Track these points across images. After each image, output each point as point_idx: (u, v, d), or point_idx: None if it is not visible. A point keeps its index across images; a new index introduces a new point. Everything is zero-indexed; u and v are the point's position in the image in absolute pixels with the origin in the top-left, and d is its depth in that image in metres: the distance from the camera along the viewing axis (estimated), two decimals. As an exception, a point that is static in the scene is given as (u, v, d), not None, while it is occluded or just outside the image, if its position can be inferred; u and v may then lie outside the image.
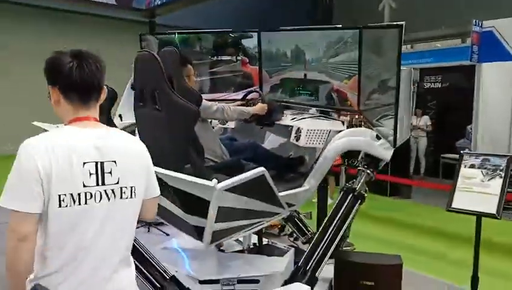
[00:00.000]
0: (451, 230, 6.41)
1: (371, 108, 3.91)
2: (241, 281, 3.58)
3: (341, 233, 3.61)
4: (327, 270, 4.13)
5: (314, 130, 4.02)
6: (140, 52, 3.06)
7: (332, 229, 3.55)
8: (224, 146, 3.60)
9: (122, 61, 3.23)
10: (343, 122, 4.07)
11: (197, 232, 2.74)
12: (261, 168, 2.73)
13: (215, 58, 5.04)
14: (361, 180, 3.73)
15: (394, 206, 8.29)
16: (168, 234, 5.43)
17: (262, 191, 2.84)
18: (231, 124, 4.74)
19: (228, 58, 5.00)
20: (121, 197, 1.78)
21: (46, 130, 4.01)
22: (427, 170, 10.84)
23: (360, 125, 3.92)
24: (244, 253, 4.13)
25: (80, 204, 1.67)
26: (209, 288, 3.52)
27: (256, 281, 3.58)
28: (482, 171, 2.99)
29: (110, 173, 1.74)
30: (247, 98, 4.46)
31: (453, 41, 12.28)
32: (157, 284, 3.00)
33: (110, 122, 3.59)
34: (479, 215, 2.92)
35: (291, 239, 5.08)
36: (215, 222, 2.59)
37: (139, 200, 1.86)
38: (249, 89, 4.54)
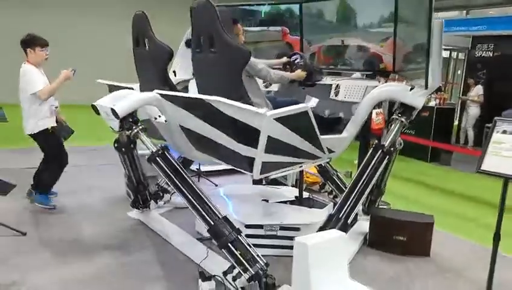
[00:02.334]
0: (484, 196, 6.56)
1: (406, 69, 4.12)
2: (283, 228, 3.96)
3: (371, 184, 3.93)
4: (363, 225, 4.48)
5: (352, 85, 4.37)
6: (197, 0, 3.30)
7: (363, 181, 3.86)
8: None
9: (177, 20, 3.49)
10: (379, 81, 4.33)
11: (248, 164, 3.04)
12: (305, 104, 3.00)
13: (257, 28, 5.33)
14: (395, 129, 4.02)
15: (433, 171, 8.43)
16: (216, 185, 5.85)
17: (306, 128, 3.12)
18: (275, 87, 5.06)
19: (269, 28, 5.28)
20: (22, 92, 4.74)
21: (111, 85, 4.44)
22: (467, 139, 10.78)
23: None
24: (287, 204, 4.50)
25: None
26: (253, 232, 3.92)
27: (297, 229, 3.94)
28: (512, 137, 3.16)
29: (19, 81, 4.72)
30: (292, 58, 4.72)
31: (508, 9, 11.88)
32: (211, 221, 3.28)
33: (165, 79, 3.92)
34: (506, 178, 3.13)
35: (331, 197, 5.40)
36: (265, 152, 2.87)
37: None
38: (295, 52, 4.81)
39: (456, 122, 10.73)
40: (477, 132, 10.63)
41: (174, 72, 5.98)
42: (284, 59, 4.62)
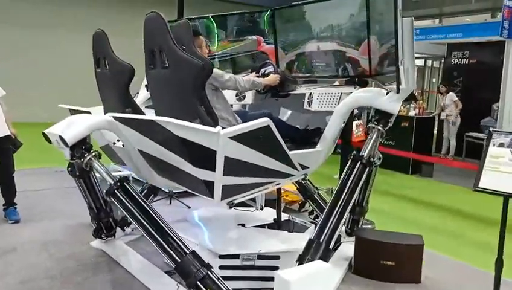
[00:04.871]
0: (470, 210, 6.33)
1: (383, 72, 3.87)
2: (261, 256, 3.60)
3: (352, 201, 3.59)
4: (347, 249, 4.15)
5: (326, 93, 4.08)
6: (148, 13, 3.06)
7: (343, 200, 3.53)
8: (239, 116, 3.60)
9: None
10: (354, 87, 4.06)
11: (208, 188, 2.78)
12: (266, 119, 2.73)
13: (230, 39, 5.08)
14: (373, 138, 3.71)
15: (415, 184, 8.21)
16: (189, 207, 5.47)
17: (270, 145, 2.87)
18: (248, 100, 4.73)
19: (243, 38, 5.02)
20: None
21: (72, 109, 4.10)
22: (449, 149, 10.62)
23: None
24: (265, 228, 4.16)
25: None
26: (229, 263, 3.55)
27: (277, 257, 3.59)
28: (511, 151, 2.90)
29: None
30: (261, 71, 4.42)
31: (483, 16, 11.92)
32: (177, 259, 2.94)
33: (127, 99, 3.59)
34: (506, 196, 2.84)
35: (312, 217, 5.08)
36: (224, 174, 2.62)
37: None
38: (263, 62, 4.52)
39: (435, 132, 10.53)
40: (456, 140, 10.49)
41: (146, 86, 5.67)
42: (252, 74, 4.32)
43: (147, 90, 5.70)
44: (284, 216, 4.39)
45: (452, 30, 10.73)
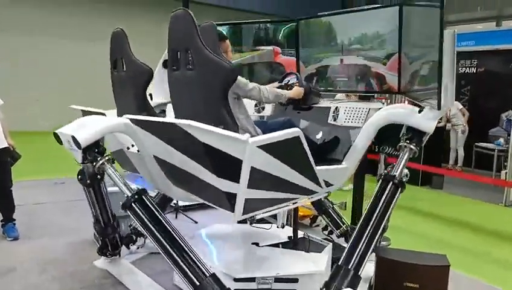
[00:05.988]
0: (485, 224, 6.12)
1: (414, 90, 3.65)
2: (278, 279, 3.37)
3: (382, 226, 3.34)
4: (367, 269, 3.90)
5: (353, 107, 3.87)
6: (175, 10, 2.89)
7: (373, 223, 3.27)
8: (258, 126, 3.41)
9: (155, 39, 3.05)
10: (382, 103, 3.88)
11: (229, 201, 2.60)
12: (296, 129, 2.59)
13: (248, 48, 4.89)
14: (404, 158, 3.44)
15: (425, 196, 7.95)
16: (196, 222, 5.25)
17: (297, 158, 2.71)
18: (267, 112, 4.53)
19: (258, 48, 4.83)
20: None
21: (84, 111, 3.93)
22: (457, 159, 10.39)
23: None
24: (279, 247, 3.92)
25: None
26: (244, 286, 3.33)
27: (295, 281, 3.37)
28: None
29: None
30: (284, 81, 4.22)
31: (487, 25, 11.79)
32: (196, 282, 2.75)
33: (144, 103, 3.51)
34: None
35: (326, 233, 4.84)
36: (248, 187, 2.46)
37: None
38: (287, 72, 4.32)
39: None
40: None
41: (150, 94, 5.49)
42: (274, 84, 4.12)
43: (151, 99, 5.51)
44: (299, 233, 4.16)
45: (464, 38, 10.53)
